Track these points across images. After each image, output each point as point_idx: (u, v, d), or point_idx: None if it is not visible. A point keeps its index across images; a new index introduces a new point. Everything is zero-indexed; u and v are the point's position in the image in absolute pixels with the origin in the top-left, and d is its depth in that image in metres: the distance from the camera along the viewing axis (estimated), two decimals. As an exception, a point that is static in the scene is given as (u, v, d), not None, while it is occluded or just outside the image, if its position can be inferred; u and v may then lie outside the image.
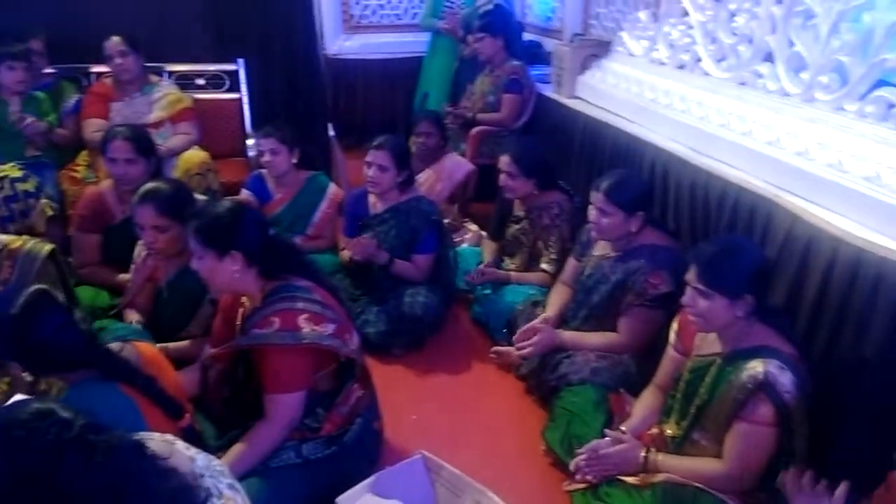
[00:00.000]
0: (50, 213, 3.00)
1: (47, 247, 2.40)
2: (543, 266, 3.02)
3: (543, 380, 2.54)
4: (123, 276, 2.74)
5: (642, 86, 3.15)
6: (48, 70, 3.86)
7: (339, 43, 5.51)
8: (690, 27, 2.93)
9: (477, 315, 3.15)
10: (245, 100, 4.19)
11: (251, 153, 3.97)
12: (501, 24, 4.16)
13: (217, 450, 1.89)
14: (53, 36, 3.86)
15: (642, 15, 3.31)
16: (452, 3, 4.77)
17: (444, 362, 2.92)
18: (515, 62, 4.10)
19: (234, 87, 4.23)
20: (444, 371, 2.87)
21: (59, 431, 1.15)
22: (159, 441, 1.39)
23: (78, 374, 1.72)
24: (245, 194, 3.34)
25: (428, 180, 3.68)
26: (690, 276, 1.90)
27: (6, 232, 2.71)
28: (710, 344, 1.97)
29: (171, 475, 1.27)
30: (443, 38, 4.78)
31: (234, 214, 2.01)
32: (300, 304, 1.98)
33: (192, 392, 2.11)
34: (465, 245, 3.55)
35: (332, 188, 3.38)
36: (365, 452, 2.14)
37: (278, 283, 2.04)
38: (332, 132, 4.53)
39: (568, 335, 2.56)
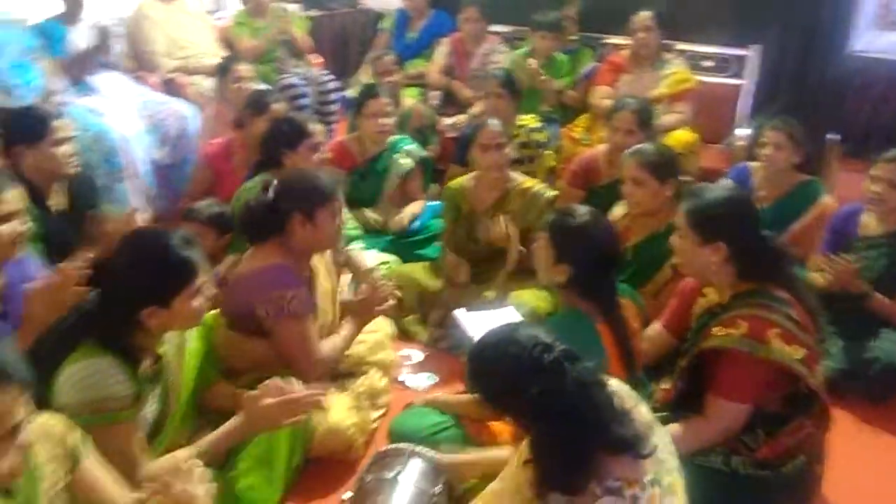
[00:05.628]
0: (552, 164, 3.40)
1: (551, 193, 2.77)
2: None
3: None
4: None
5: None
6: (573, 37, 4.27)
7: (867, 38, 4.83)
8: None
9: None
10: (747, 88, 4.01)
11: (737, 143, 3.81)
12: None
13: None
14: (587, 4, 4.23)
15: None
16: None
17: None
18: None
19: (738, 74, 4.08)
20: (915, 444, 2.41)
21: (541, 353, 1.35)
22: (625, 392, 1.49)
23: (582, 302, 1.93)
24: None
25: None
26: None
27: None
28: None
29: (626, 418, 1.37)
30: None
31: (729, 205, 1.96)
32: (775, 317, 1.85)
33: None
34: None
35: (826, 199, 3.04)
36: (800, 492, 1.95)
37: (755, 286, 1.94)
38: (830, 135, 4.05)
39: None
